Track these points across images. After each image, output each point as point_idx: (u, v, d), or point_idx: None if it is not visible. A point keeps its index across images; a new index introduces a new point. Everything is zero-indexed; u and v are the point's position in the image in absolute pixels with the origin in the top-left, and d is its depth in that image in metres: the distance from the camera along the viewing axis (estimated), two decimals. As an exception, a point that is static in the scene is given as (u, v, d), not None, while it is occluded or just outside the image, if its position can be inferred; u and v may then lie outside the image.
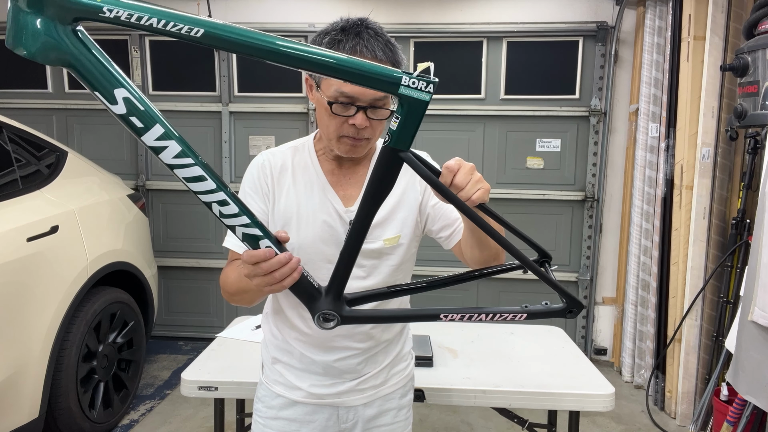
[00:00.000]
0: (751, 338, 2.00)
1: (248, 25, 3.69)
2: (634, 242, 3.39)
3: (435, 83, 0.82)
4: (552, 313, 0.99)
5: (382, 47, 1.07)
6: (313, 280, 0.96)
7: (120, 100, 0.73)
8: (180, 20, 0.70)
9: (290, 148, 1.24)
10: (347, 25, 1.08)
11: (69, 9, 0.67)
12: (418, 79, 0.81)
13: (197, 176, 0.80)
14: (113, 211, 2.91)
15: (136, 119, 0.75)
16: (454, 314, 0.95)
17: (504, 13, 3.58)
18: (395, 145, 0.86)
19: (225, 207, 0.83)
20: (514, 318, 0.97)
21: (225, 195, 0.82)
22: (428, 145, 3.70)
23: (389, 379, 1.30)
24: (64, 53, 0.70)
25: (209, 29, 0.73)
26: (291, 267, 0.88)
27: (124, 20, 0.68)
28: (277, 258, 0.87)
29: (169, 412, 3.00)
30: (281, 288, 0.90)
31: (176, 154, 0.78)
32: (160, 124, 0.77)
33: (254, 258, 0.86)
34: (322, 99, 1.09)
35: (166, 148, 0.78)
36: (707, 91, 2.87)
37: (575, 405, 1.74)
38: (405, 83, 0.81)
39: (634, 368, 3.45)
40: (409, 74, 0.81)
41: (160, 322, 3.78)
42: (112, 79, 0.73)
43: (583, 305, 1.00)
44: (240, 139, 3.85)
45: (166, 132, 0.77)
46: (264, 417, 1.29)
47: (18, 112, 3.77)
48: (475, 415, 3.00)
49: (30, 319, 2.25)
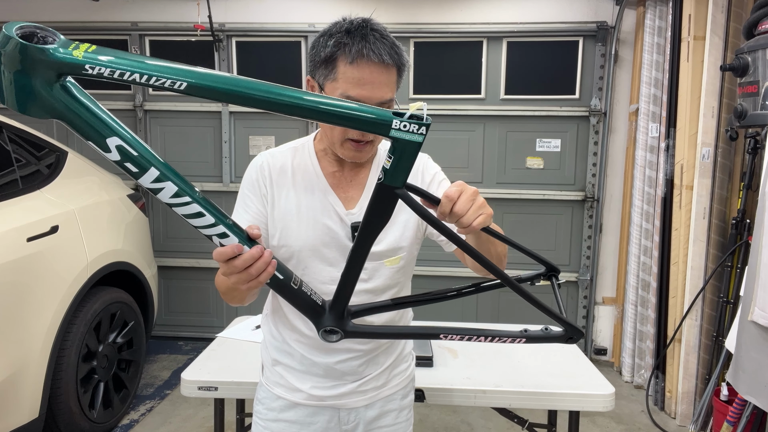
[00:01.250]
0: (751, 338, 2.00)
1: (248, 25, 3.67)
2: (634, 242, 3.39)
3: (428, 125, 0.81)
4: (551, 339, 1.00)
5: (388, 50, 1.06)
6: (317, 297, 0.96)
7: (113, 148, 0.75)
8: (163, 73, 0.71)
9: (290, 149, 1.23)
10: (352, 27, 1.07)
11: (54, 69, 0.69)
12: (410, 122, 0.80)
13: (196, 213, 0.82)
14: (113, 211, 2.91)
15: (131, 165, 0.76)
16: (454, 334, 0.96)
17: (504, 13, 3.58)
18: (390, 183, 0.85)
19: (225, 239, 0.84)
20: (513, 341, 0.97)
21: (224, 228, 0.83)
22: (428, 145, 3.67)
23: (390, 380, 1.30)
24: (54, 109, 0.72)
25: (193, 81, 0.72)
26: (264, 261, 0.86)
27: (107, 77, 0.69)
28: (249, 253, 0.85)
29: (169, 412, 3.00)
30: (258, 284, 0.89)
31: (173, 194, 0.79)
32: (156, 166, 0.78)
33: (223, 255, 0.85)
34: None
35: (163, 189, 0.79)
36: (707, 91, 2.87)
37: (575, 405, 1.74)
38: (396, 126, 0.80)
39: (634, 368, 3.46)
40: (401, 116, 0.80)
41: (160, 322, 3.78)
42: (104, 129, 0.74)
43: (582, 333, 1.00)
44: (240, 139, 3.85)
45: (162, 174, 0.78)
46: (264, 419, 1.29)
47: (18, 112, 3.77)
48: (475, 415, 3.00)
49: (30, 319, 2.25)
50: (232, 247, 0.84)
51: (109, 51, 0.71)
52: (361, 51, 1.04)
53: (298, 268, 1.18)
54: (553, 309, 0.98)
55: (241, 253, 0.85)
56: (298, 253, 1.17)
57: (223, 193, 3.85)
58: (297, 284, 0.93)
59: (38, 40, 0.69)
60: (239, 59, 3.77)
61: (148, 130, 3.89)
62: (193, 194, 0.81)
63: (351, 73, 1.05)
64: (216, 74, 0.74)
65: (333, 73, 1.06)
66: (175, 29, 3.74)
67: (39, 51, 0.67)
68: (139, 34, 3.77)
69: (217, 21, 3.59)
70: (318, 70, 1.09)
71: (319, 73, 1.09)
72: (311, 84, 1.14)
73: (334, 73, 1.06)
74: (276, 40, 3.73)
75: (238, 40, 3.74)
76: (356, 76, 1.05)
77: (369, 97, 1.05)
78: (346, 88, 1.05)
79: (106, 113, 0.75)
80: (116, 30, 3.79)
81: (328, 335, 0.97)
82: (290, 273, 0.94)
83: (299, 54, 3.73)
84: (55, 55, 0.68)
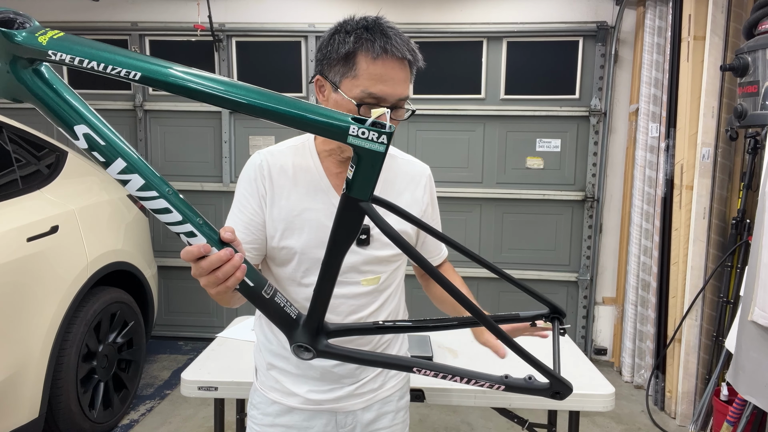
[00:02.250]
0: (751, 338, 2.00)
1: (248, 25, 3.67)
2: (634, 242, 3.39)
3: (390, 134, 0.75)
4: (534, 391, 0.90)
5: (407, 47, 1.06)
6: (291, 310, 0.91)
7: (80, 135, 0.75)
8: (118, 64, 0.71)
9: (289, 147, 1.20)
10: (368, 24, 1.05)
11: (19, 53, 0.71)
12: (369, 129, 0.74)
13: (162, 208, 0.79)
14: (113, 211, 2.91)
15: (98, 154, 0.76)
16: (430, 370, 0.88)
17: (504, 13, 3.58)
18: (355, 195, 0.80)
19: (193, 238, 0.81)
20: (491, 387, 0.89)
21: (192, 227, 0.81)
22: (428, 145, 3.70)
23: (387, 382, 1.29)
24: (25, 92, 0.73)
25: (146, 73, 0.72)
26: (233, 265, 0.82)
27: (68, 63, 0.71)
28: (216, 255, 0.81)
29: (169, 412, 3.00)
30: (226, 289, 0.84)
31: (139, 187, 0.78)
32: (123, 157, 0.76)
33: (188, 254, 0.82)
34: (343, 101, 1.06)
35: (129, 181, 0.77)
36: (707, 91, 2.87)
37: (575, 405, 1.73)
38: (353, 133, 0.75)
39: (634, 368, 3.46)
40: (360, 123, 0.75)
41: (160, 322, 3.78)
42: (73, 115, 0.75)
43: (571, 389, 0.90)
44: (240, 139, 3.85)
45: (129, 166, 0.77)
46: (260, 424, 1.27)
47: (18, 112, 3.76)
48: (475, 415, 3.00)
49: (30, 319, 2.25)
50: (198, 247, 0.81)
51: (76, 39, 0.72)
52: (384, 47, 1.03)
53: (298, 270, 1.16)
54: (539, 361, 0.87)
55: (209, 254, 0.81)
56: (300, 255, 1.15)
57: (223, 193, 3.85)
58: (269, 294, 0.88)
59: (18, 26, 0.71)
60: (239, 59, 3.77)
61: (148, 130, 3.89)
62: (161, 190, 0.78)
63: (374, 69, 1.03)
64: (168, 70, 0.74)
65: (353, 69, 1.04)
66: (175, 29, 3.74)
67: (4, 35, 0.69)
68: (139, 34, 3.77)
69: (217, 21, 3.59)
70: (334, 67, 1.07)
71: (335, 70, 1.06)
72: (321, 83, 1.11)
73: (354, 69, 1.04)
74: (276, 40, 3.73)
75: (238, 40, 3.74)
76: (379, 73, 1.03)
77: (390, 93, 1.04)
78: (367, 84, 1.03)
79: (79, 101, 0.76)
80: (116, 30, 3.79)
81: (300, 351, 0.91)
82: (263, 281, 0.88)
83: (299, 54, 3.73)
84: (18, 40, 0.69)
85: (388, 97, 1.04)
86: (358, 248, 1.16)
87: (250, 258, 1.19)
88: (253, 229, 1.16)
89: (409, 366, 0.90)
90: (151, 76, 0.73)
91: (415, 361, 0.90)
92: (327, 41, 1.09)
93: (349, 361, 0.94)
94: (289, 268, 1.18)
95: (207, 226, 0.82)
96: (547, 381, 0.88)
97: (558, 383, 0.88)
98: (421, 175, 1.27)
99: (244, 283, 0.86)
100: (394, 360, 1.01)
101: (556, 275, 3.76)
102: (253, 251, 1.18)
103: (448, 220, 1.30)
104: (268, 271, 1.23)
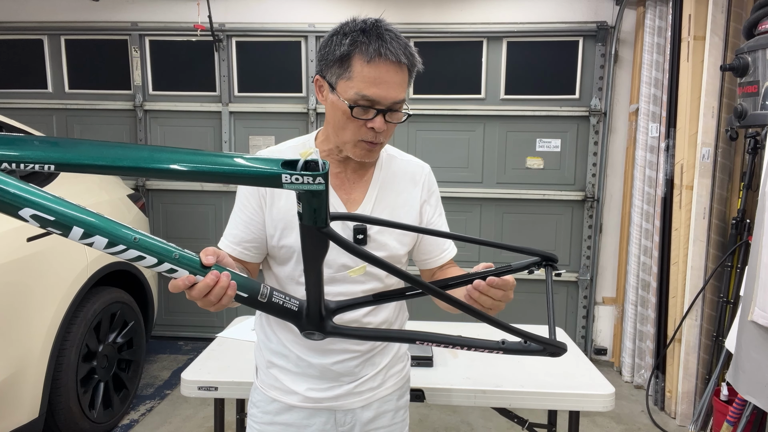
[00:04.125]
0: (751, 338, 2.00)
1: (248, 25, 3.67)
2: (634, 242, 3.39)
3: (324, 174, 0.74)
4: (530, 352, 0.97)
5: (403, 50, 1.06)
6: (291, 303, 0.92)
7: (28, 218, 0.72)
8: (31, 161, 0.71)
9: (290, 148, 1.22)
10: (366, 26, 1.06)
11: None
12: (302, 174, 0.73)
13: (135, 257, 0.78)
14: (113, 211, 2.91)
15: (52, 228, 0.74)
16: (431, 341, 0.94)
17: (504, 13, 3.58)
18: (313, 224, 0.80)
19: (175, 273, 0.82)
20: (490, 352, 0.96)
21: (170, 264, 0.80)
22: (428, 145, 3.70)
23: (386, 380, 1.29)
24: None
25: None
26: (221, 287, 0.84)
27: None
28: (203, 283, 0.83)
29: (169, 412, 3.00)
30: (222, 306, 0.88)
31: (105, 245, 0.76)
32: (78, 225, 0.74)
33: (176, 288, 0.84)
34: (339, 102, 1.07)
35: (94, 242, 0.76)
36: (707, 91, 2.87)
37: (575, 405, 1.74)
38: (286, 181, 0.73)
39: (634, 368, 3.45)
40: (291, 169, 0.74)
41: (160, 322, 3.78)
42: (15, 201, 0.72)
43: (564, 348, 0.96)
44: (240, 139, 3.85)
45: (87, 231, 0.75)
46: (260, 422, 1.27)
47: (18, 112, 3.77)
48: (475, 415, 3.00)
49: (30, 319, 2.25)
50: (183, 280, 0.82)
51: None
52: (379, 50, 1.04)
53: (297, 269, 1.17)
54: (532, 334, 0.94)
55: (196, 282, 0.83)
56: (299, 254, 1.15)
57: (223, 193, 3.85)
58: (265, 297, 0.90)
59: None
60: (239, 59, 3.77)
61: (148, 130, 3.89)
62: (127, 241, 0.77)
63: (367, 72, 1.04)
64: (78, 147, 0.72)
65: (348, 71, 1.06)
66: (175, 29, 3.74)
67: None
68: (139, 34, 3.77)
69: (217, 21, 3.59)
70: (331, 68, 1.08)
71: (332, 72, 1.08)
72: (320, 84, 1.12)
73: (349, 71, 1.05)
74: (276, 40, 3.73)
75: (238, 40, 3.74)
76: (373, 75, 1.04)
77: (384, 96, 1.05)
78: (361, 87, 1.04)
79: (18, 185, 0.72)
80: (116, 30, 3.79)
81: (310, 335, 0.95)
82: (256, 288, 0.89)
83: (299, 54, 3.73)
84: None
85: (381, 100, 1.05)
86: None
87: (250, 257, 1.20)
88: (253, 228, 1.18)
89: (412, 338, 0.95)
90: (63, 162, 0.71)
91: (417, 333, 0.95)
92: (326, 42, 1.10)
93: (356, 338, 1.00)
94: (289, 267, 1.19)
95: (185, 258, 0.82)
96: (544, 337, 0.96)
97: (551, 347, 0.94)
98: (420, 174, 1.28)
99: (238, 295, 0.87)
100: (397, 333, 1.08)
101: (561, 274, 3.75)
102: (254, 250, 1.19)
103: (448, 220, 1.31)
104: (269, 270, 1.24)
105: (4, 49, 3.89)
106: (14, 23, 3.82)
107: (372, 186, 1.21)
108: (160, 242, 0.80)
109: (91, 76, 3.89)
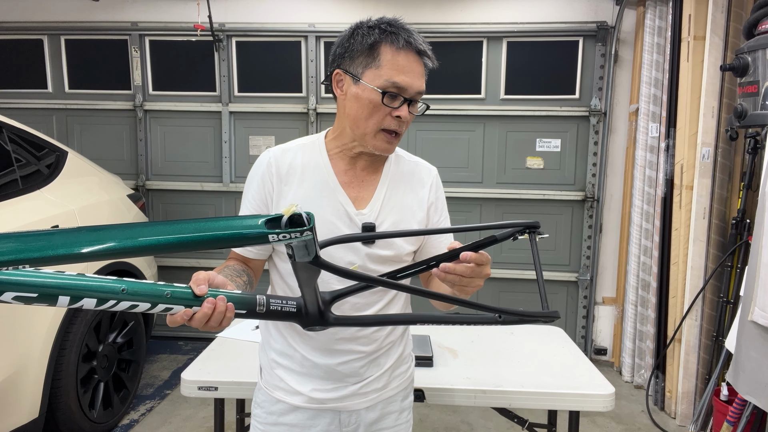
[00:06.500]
0: (751, 338, 2.00)
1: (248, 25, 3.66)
2: (634, 242, 3.39)
3: (310, 228, 0.74)
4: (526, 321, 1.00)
5: (425, 45, 1.12)
6: (290, 306, 0.93)
7: (11, 300, 0.71)
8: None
9: (299, 146, 1.22)
10: (390, 20, 1.12)
11: None
12: (288, 232, 0.74)
13: (129, 306, 0.77)
14: (113, 211, 2.91)
15: (38, 304, 0.73)
16: (432, 323, 0.97)
17: (504, 13, 3.58)
18: (304, 260, 0.81)
19: (172, 310, 0.82)
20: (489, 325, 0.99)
21: (164, 305, 0.80)
22: (428, 145, 3.70)
23: (391, 381, 1.29)
24: None
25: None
26: (219, 313, 0.85)
27: None
28: (201, 313, 0.83)
29: (169, 412, 3.00)
30: (223, 328, 0.90)
31: (95, 305, 0.75)
32: (63, 293, 0.74)
33: (175, 324, 0.85)
34: (364, 92, 1.10)
35: (83, 305, 0.75)
36: (707, 91, 2.87)
37: (575, 405, 1.74)
38: (273, 240, 0.74)
39: (634, 368, 3.46)
40: (276, 227, 0.74)
41: (160, 322, 3.78)
42: None
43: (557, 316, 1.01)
44: (240, 139, 3.85)
45: (72, 297, 0.74)
46: (264, 423, 1.27)
47: (18, 112, 3.77)
48: (475, 415, 3.00)
49: (30, 319, 2.25)
50: (181, 315, 0.83)
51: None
52: (408, 39, 1.10)
53: None
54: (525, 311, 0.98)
55: (193, 314, 0.84)
56: None
57: (223, 193, 3.85)
58: (263, 307, 0.91)
59: None
60: (239, 59, 3.77)
61: (148, 130, 3.89)
62: (116, 294, 0.76)
63: (398, 60, 1.09)
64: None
65: (377, 60, 1.09)
66: (175, 29, 3.74)
67: None
68: (139, 34, 3.77)
69: (217, 21, 3.59)
70: (356, 59, 1.11)
71: (358, 62, 1.11)
72: (339, 78, 1.15)
73: (378, 60, 1.09)
74: (276, 40, 3.73)
75: (238, 40, 3.74)
76: (403, 63, 1.09)
77: (410, 84, 1.10)
78: (391, 74, 1.08)
79: None
80: (116, 30, 3.79)
81: (313, 328, 0.98)
82: (252, 302, 0.90)
83: (299, 54, 3.73)
84: None
85: (408, 87, 1.10)
86: (363, 246, 1.18)
87: (255, 254, 1.22)
88: None
89: (413, 320, 1.01)
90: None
91: (417, 315, 0.99)
92: (348, 37, 1.13)
93: (358, 325, 1.04)
94: None
95: (177, 293, 0.83)
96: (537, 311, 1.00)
97: (544, 316, 0.99)
98: (428, 176, 1.29)
99: (237, 314, 0.89)
100: (398, 317, 1.17)
101: (556, 275, 3.76)
102: (258, 248, 1.21)
103: (449, 219, 1.34)
104: (275, 267, 1.25)
105: (4, 49, 3.89)
106: (14, 23, 3.83)
107: (381, 184, 1.22)
108: (148, 284, 0.79)
109: (91, 76, 3.89)
